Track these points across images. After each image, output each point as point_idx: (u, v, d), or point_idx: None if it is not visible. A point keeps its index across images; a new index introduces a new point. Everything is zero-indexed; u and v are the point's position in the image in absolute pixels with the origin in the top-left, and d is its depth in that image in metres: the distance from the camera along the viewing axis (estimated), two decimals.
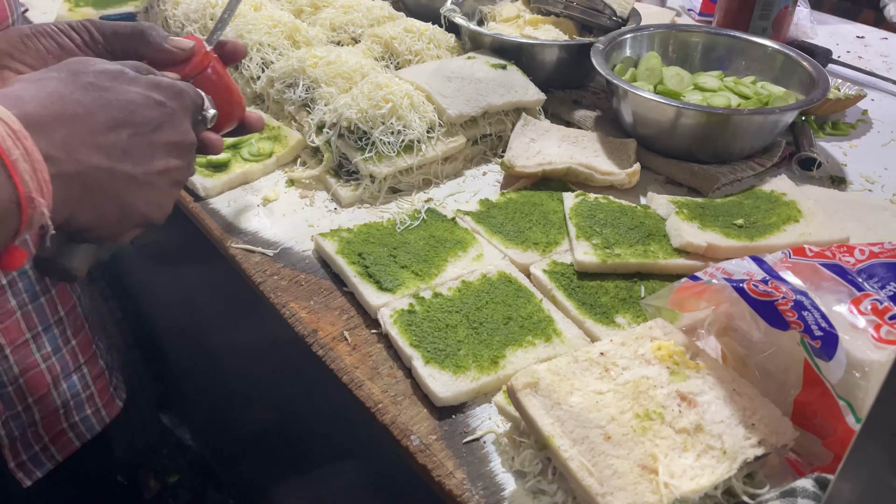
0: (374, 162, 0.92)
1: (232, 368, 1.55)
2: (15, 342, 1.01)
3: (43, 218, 0.48)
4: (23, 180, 0.46)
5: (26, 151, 0.47)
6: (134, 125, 0.55)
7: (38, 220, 0.48)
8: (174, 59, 0.70)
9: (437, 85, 1.01)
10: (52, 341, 1.06)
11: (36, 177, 0.47)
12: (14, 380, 1.01)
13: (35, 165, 0.47)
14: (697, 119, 0.95)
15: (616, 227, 0.83)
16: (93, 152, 0.52)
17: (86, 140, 0.52)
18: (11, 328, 0.99)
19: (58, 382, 1.08)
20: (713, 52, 1.14)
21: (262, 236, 0.87)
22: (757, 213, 0.85)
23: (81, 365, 1.12)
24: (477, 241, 0.84)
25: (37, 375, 1.04)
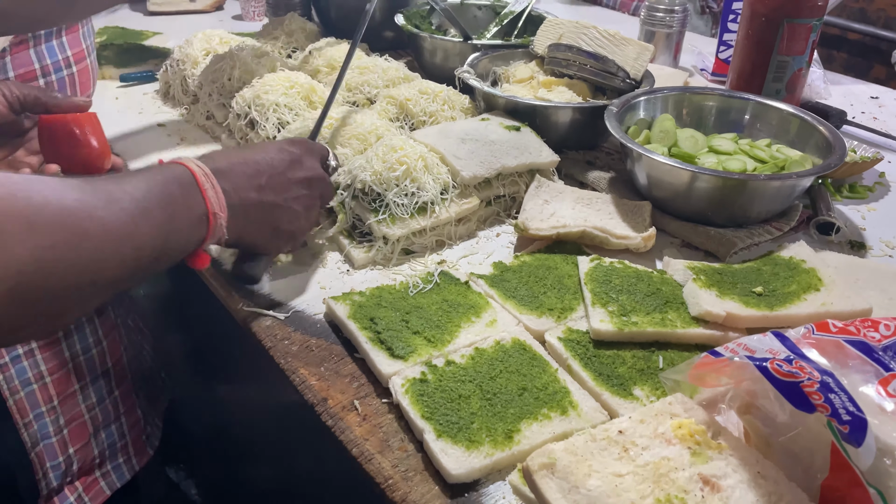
0: (388, 224, 0.92)
1: (240, 424, 1.53)
2: (64, 393, 1.05)
3: (222, 230, 0.70)
4: (210, 201, 0.68)
5: (213, 186, 0.69)
6: (271, 168, 0.78)
7: (218, 231, 0.70)
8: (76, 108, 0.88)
9: (451, 146, 1.02)
10: (98, 392, 1.11)
11: (219, 201, 0.69)
12: (59, 430, 1.05)
13: (218, 193, 0.69)
14: (713, 183, 0.94)
15: (632, 294, 0.82)
16: (249, 190, 0.75)
17: (244, 183, 0.74)
18: (62, 379, 1.04)
19: (98, 432, 1.11)
20: (727, 115, 1.14)
21: (273, 299, 0.86)
22: (776, 281, 0.84)
23: (121, 414, 1.16)
24: (490, 306, 0.83)
25: (80, 426, 1.08)
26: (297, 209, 0.80)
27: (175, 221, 0.65)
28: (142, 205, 0.60)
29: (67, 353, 1.05)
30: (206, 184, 0.69)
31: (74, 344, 1.06)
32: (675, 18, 1.50)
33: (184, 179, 0.68)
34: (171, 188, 0.65)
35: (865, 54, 3.49)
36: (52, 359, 1.04)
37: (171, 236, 0.64)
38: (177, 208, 0.65)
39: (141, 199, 0.60)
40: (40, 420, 1.04)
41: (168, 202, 0.64)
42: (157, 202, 0.62)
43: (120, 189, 0.60)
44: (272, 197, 0.77)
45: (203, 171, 0.69)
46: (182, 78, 1.33)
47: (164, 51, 1.61)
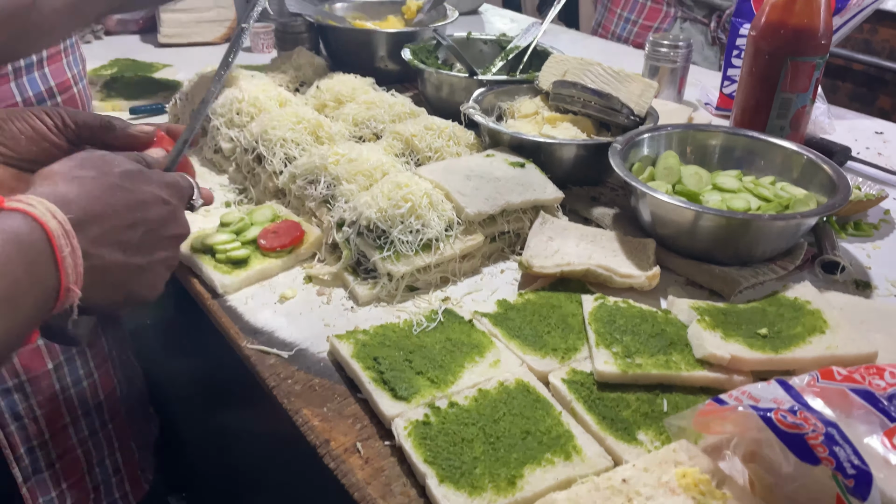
0: (392, 261, 0.92)
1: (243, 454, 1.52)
2: (55, 426, 1.04)
3: (73, 304, 0.56)
4: (66, 273, 0.54)
5: (73, 248, 0.55)
6: (146, 223, 0.64)
7: (67, 304, 0.56)
8: (137, 141, 0.79)
9: (456, 183, 1.02)
10: (90, 425, 1.09)
11: (76, 270, 0.55)
12: (51, 464, 1.03)
13: (76, 261, 0.55)
14: (717, 222, 0.94)
15: (637, 335, 0.81)
16: (115, 249, 0.61)
17: (111, 238, 0.60)
18: (53, 412, 1.02)
19: (92, 468, 1.10)
20: (731, 152, 1.14)
21: (277, 336, 0.86)
22: (781, 322, 0.84)
23: (115, 449, 1.14)
24: (494, 346, 0.82)
25: (72, 460, 1.06)
26: (162, 272, 0.68)
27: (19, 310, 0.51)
28: None
29: (58, 386, 1.04)
30: (66, 248, 0.54)
31: (65, 376, 1.05)
32: (679, 54, 1.51)
33: (31, 241, 0.52)
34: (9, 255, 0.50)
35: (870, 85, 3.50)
36: (43, 392, 1.03)
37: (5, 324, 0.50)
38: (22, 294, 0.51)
39: None
40: (32, 454, 1.03)
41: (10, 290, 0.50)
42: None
43: None
44: (139, 259, 0.63)
45: (63, 229, 0.54)
46: (191, 111, 1.35)
47: (173, 83, 1.63)
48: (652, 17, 2.25)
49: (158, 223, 0.66)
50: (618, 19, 2.28)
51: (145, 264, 0.64)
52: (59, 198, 0.57)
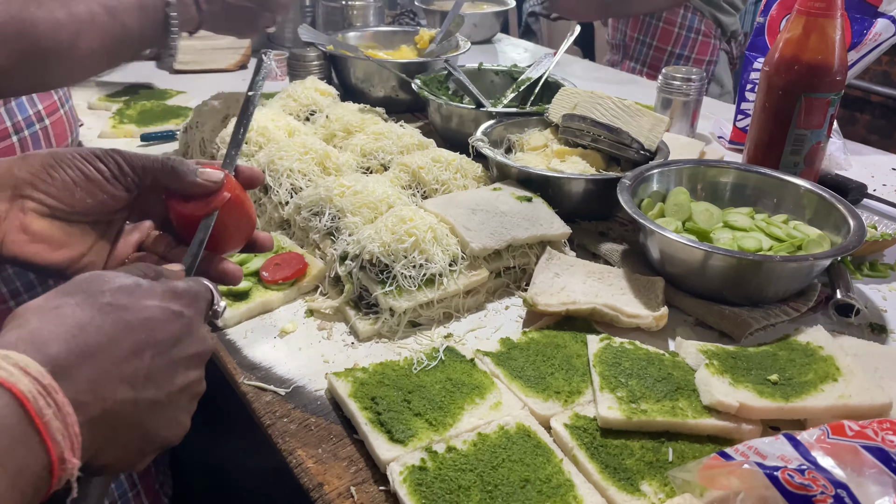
0: (395, 296, 0.91)
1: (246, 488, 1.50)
2: None
3: (72, 473, 0.44)
4: (55, 441, 0.43)
5: (57, 407, 0.43)
6: (156, 345, 0.51)
7: (66, 477, 0.45)
8: (205, 191, 0.68)
9: (462, 217, 1.01)
10: None
11: (68, 433, 0.44)
12: None
13: (66, 420, 0.44)
14: (728, 262, 0.92)
15: (642, 379, 0.79)
16: (118, 386, 0.48)
17: (111, 373, 0.48)
18: None
19: None
20: (743, 189, 1.12)
21: (275, 372, 0.85)
22: (792, 368, 0.81)
23: None
24: (496, 387, 0.80)
25: None
26: (184, 405, 0.55)
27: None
28: None
29: None
30: (47, 412, 0.43)
31: None
32: (692, 87, 1.50)
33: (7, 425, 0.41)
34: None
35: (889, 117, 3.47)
36: None
37: None
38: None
39: None
40: None
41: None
42: None
43: None
44: (153, 391, 0.50)
45: (39, 388, 0.43)
46: (200, 140, 1.35)
47: (185, 110, 1.64)
48: (703, 51, 2.23)
49: (170, 343, 0.53)
50: (668, 56, 2.25)
51: (163, 398, 0.51)
52: (31, 341, 0.45)
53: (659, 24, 2.21)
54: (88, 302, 0.50)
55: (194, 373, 0.55)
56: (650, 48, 2.25)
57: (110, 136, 1.52)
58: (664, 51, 2.23)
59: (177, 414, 0.54)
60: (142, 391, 0.49)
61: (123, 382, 0.48)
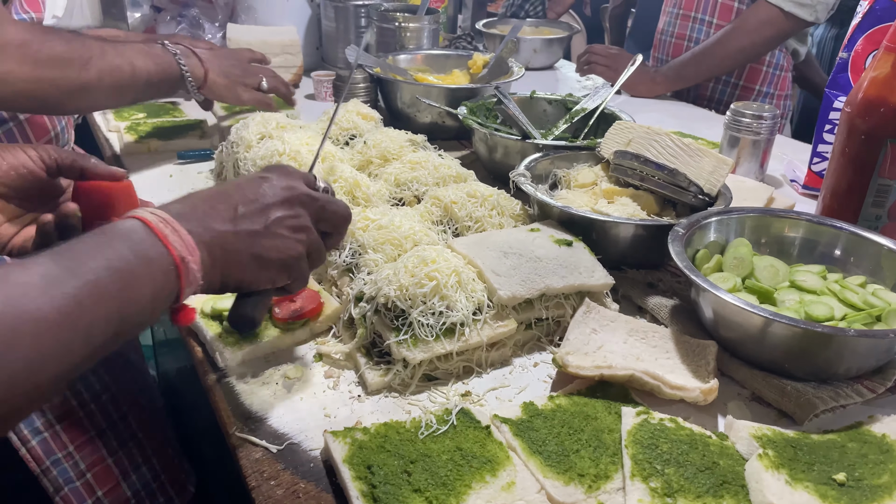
0: (409, 346, 0.82)
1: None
2: (79, 439, 1.07)
3: (196, 275, 0.62)
4: (174, 247, 0.60)
5: (174, 229, 0.61)
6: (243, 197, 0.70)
7: (192, 277, 0.61)
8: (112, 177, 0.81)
9: (492, 261, 0.92)
10: (119, 436, 1.12)
11: (184, 243, 0.61)
12: (82, 475, 1.07)
13: (182, 236, 0.61)
14: (792, 332, 0.80)
15: (682, 467, 0.68)
16: (219, 222, 0.66)
17: (213, 216, 0.66)
18: (73, 426, 1.06)
19: (127, 475, 1.13)
20: (815, 245, 0.99)
21: (270, 425, 0.77)
22: (863, 467, 0.68)
23: (150, 456, 1.17)
24: (511, 463, 0.70)
25: (104, 469, 1.10)
26: (284, 233, 0.71)
27: (133, 287, 0.57)
28: (85, 279, 0.53)
29: (74, 402, 1.08)
30: (166, 229, 0.60)
31: (81, 392, 1.08)
32: (764, 125, 1.37)
33: (136, 233, 0.59)
34: (119, 248, 0.57)
35: None
36: (58, 408, 1.06)
37: (129, 305, 0.56)
38: (132, 270, 0.57)
39: (84, 272, 0.53)
40: (58, 466, 1.05)
41: (120, 267, 0.56)
42: (105, 271, 0.54)
43: (59, 266, 0.53)
44: (249, 225, 0.68)
45: (160, 217, 0.61)
46: (235, 160, 1.30)
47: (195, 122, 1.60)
48: (783, 86, 2.10)
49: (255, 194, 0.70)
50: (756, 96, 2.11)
51: (260, 229, 0.69)
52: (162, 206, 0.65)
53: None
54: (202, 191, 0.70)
55: (285, 211, 0.71)
56: (736, 88, 2.10)
57: (135, 150, 1.49)
58: (752, 90, 2.09)
59: (277, 241, 0.70)
60: (239, 225, 0.68)
61: (223, 220, 0.67)
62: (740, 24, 1.90)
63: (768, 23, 1.86)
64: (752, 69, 2.07)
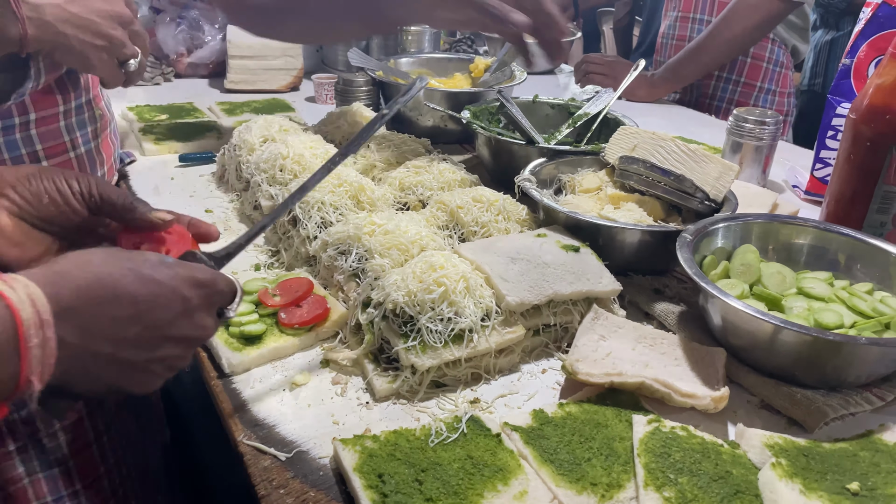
0: (417, 352, 0.82)
1: None
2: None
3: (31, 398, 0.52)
4: (29, 365, 0.51)
5: (44, 339, 0.51)
6: (151, 320, 0.58)
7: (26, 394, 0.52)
8: (155, 228, 0.73)
9: (499, 266, 0.91)
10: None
11: (42, 363, 0.52)
12: None
13: (46, 352, 0.52)
14: (801, 339, 0.80)
15: (695, 476, 0.68)
16: (102, 341, 0.56)
17: (102, 329, 0.56)
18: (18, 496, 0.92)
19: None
20: (821, 251, 0.99)
21: (278, 432, 0.76)
22: (876, 476, 0.68)
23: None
24: (523, 471, 0.70)
25: None
26: (158, 372, 0.61)
27: None
28: None
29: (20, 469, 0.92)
30: (34, 339, 0.51)
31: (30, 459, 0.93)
32: (766, 131, 1.38)
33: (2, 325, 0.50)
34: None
35: None
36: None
37: None
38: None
39: None
40: None
41: None
42: None
43: None
44: (132, 355, 0.58)
45: (38, 318, 0.51)
46: (237, 164, 1.30)
47: (213, 124, 1.60)
48: (784, 83, 2.11)
49: (166, 322, 0.60)
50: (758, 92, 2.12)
51: (140, 362, 0.59)
52: (53, 278, 0.54)
53: (747, 59, 2.08)
54: (113, 260, 0.58)
55: (179, 350, 0.62)
56: (738, 84, 2.11)
57: (153, 152, 1.48)
58: (753, 86, 2.11)
59: (146, 378, 0.61)
60: (122, 352, 0.57)
61: (108, 340, 0.56)
62: (730, 13, 1.93)
63: (756, 7, 1.88)
64: (753, 66, 2.08)
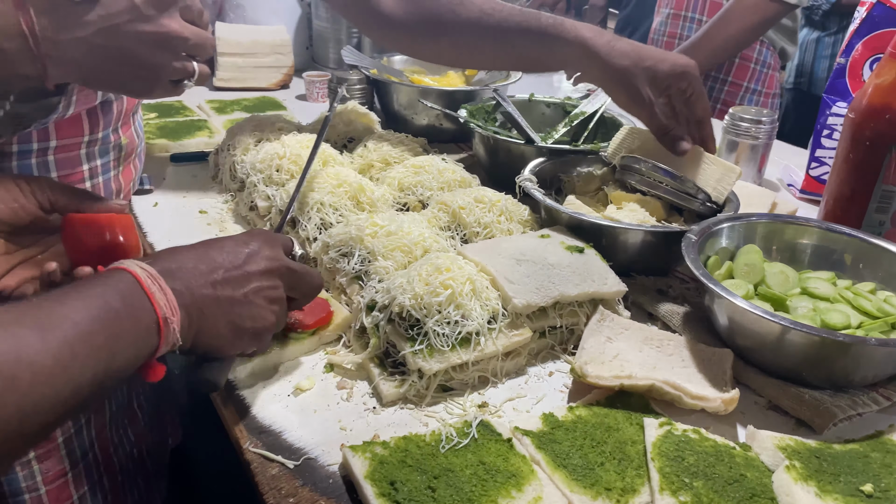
0: (425, 356, 0.80)
1: None
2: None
3: (175, 335, 0.63)
4: (160, 306, 0.62)
5: (160, 287, 0.63)
6: (227, 262, 0.71)
7: (171, 337, 0.63)
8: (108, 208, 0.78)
9: (505, 268, 0.90)
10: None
11: (168, 303, 0.63)
12: None
13: (167, 295, 0.63)
14: (809, 340, 0.80)
15: (710, 479, 0.67)
16: (203, 285, 0.68)
17: (198, 278, 0.67)
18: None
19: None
20: (825, 251, 1.00)
21: (285, 439, 0.75)
22: (889, 477, 0.68)
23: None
24: (536, 477, 0.69)
25: None
26: (260, 303, 0.72)
27: (120, 340, 0.58)
28: (80, 328, 0.54)
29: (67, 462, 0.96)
30: (153, 286, 0.62)
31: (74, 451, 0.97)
32: (762, 130, 1.38)
33: (126, 287, 0.61)
34: (112, 301, 0.59)
35: None
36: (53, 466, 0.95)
37: (115, 358, 0.58)
38: (121, 323, 0.59)
39: (79, 321, 0.55)
40: None
41: (110, 319, 0.58)
42: (97, 322, 0.56)
43: (55, 313, 0.54)
44: (230, 292, 0.70)
45: (148, 273, 0.63)
46: (231, 163, 1.28)
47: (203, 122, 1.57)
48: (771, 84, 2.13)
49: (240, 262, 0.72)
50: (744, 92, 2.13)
51: (239, 296, 0.70)
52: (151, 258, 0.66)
53: (735, 59, 2.09)
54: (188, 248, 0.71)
55: (265, 282, 0.73)
56: (724, 84, 2.13)
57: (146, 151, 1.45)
58: (740, 86, 2.12)
59: (256, 310, 0.72)
60: (220, 290, 0.69)
61: (206, 284, 0.68)
62: (726, 13, 1.93)
63: (753, 9, 1.89)
64: (740, 66, 2.09)
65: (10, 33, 0.67)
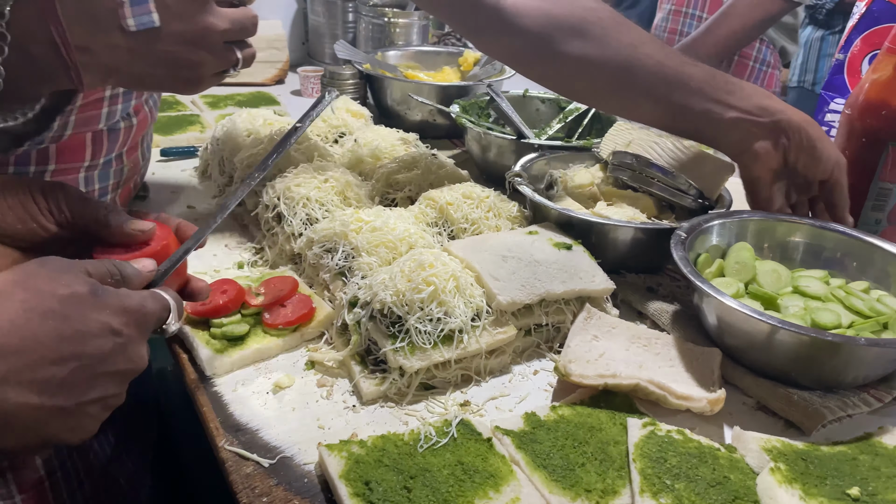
0: (406, 354, 0.79)
1: None
2: None
3: None
4: None
5: None
6: (81, 358, 0.54)
7: None
8: (133, 240, 0.70)
9: (490, 265, 0.89)
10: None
11: None
12: None
13: None
14: (799, 340, 0.78)
15: (693, 482, 0.66)
16: (25, 390, 0.51)
17: (23, 376, 0.51)
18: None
19: None
20: (817, 248, 0.98)
21: (262, 437, 0.73)
22: (876, 481, 0.66)
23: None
24: (515, 477, 0.68)
25: None
26: (95, 413, 0.57)
27: None
28: None
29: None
30: None
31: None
32: None
33: None
34: None
35: None
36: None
37: None
38: None
39: None
40: None
41: None
42: None
43: None
44: (62, 401, 0.53)
45: None
46: (221, 158, 1.26)
47: (196, 117, 1.56)
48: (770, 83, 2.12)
49: (98, 358, 0.55)
50: None
51: (71, 406, 0.54)
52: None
53: (734, 57, 2.07)
54: (35, 301, 0.53)
55: (114, 388, 0.57)
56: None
57: None
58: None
59: (82, 421, 0.56)
60: (50, 399, 0.52)
61: (32, 388, 0.51)
62: (729, 9, 1.92)
63: (757, 5, 1.87)
64: (740, 64, 2.07)
65: (40, 39, 0.62)
